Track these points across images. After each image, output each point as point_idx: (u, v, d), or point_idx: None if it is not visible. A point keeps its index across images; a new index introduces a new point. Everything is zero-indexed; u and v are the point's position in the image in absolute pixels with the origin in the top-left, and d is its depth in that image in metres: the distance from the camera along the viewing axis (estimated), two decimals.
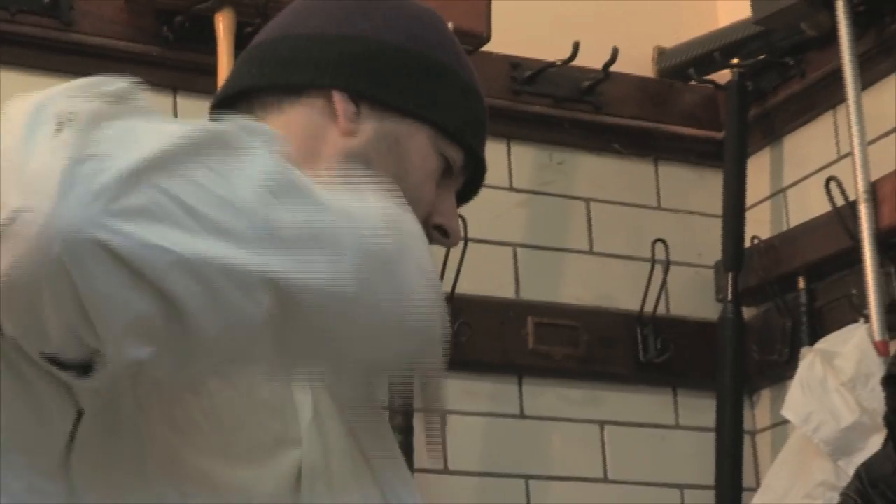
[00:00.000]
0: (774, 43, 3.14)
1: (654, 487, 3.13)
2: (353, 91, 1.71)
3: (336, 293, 1.30)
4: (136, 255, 1.20)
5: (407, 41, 1.77)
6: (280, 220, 1.28)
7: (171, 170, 1.25)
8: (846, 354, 2.78)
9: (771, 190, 3.28)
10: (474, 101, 1.81)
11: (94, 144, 1.25)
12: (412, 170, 1.71)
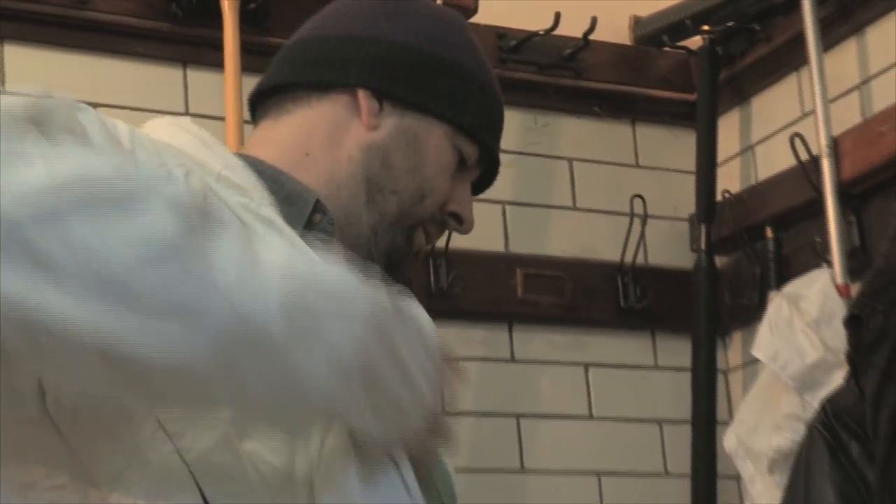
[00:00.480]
0: (742, 10, 3.14)
1: (635, 423, 3.15)
2: (377, 89, 1.74)
3: (183, 369, 1.23)
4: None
5: (427, 43, 1.79)
6: (144, 285, 1.21)
7: (44, 220, 1.18)
8: (811, 297, 2.80)
9: (740, 147, 3.30)
10: (490, 99, 1.83)
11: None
12: (428, 163, 1.75)
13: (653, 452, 3.15)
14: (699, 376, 3.05)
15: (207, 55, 2.71)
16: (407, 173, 1.74)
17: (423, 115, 1.76)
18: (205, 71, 2.73)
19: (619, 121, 3.28)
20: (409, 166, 1.74)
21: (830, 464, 2.36)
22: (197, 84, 2.81)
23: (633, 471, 3.12)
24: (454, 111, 1.78)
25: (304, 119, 1.76)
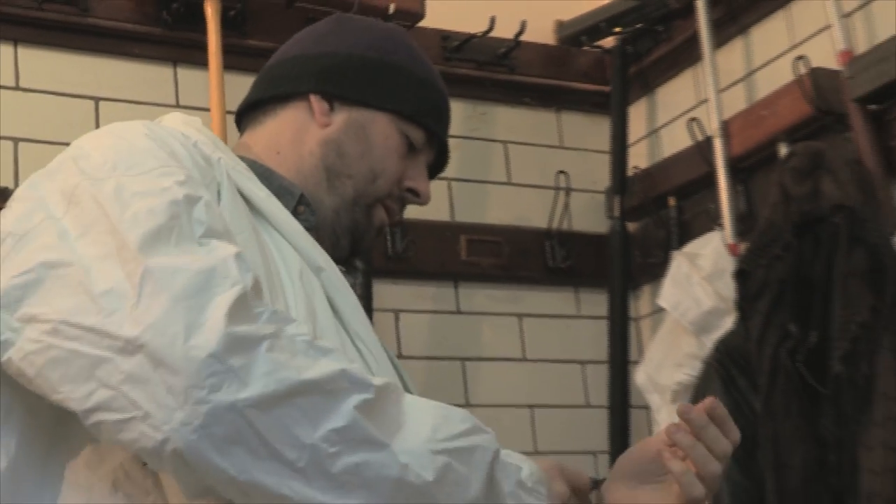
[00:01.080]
0: (647, 14, 3.15)
1: (561, 364, 3.16)
2: (325, 92, 1.78)
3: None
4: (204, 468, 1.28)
5: (368, 50, 1.82)
6: (338, 461, 1.30)
7: (267, 410, 1.28)
8: (706, 255, 2.82)
9: (647, 130, 3.32)
10: (430, 91, 1.85)
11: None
12: (375, 147, 1.77)
13: (576, 388, 3.17)
14: (614, 324, 3.08)
15: (194, 55, 2.70)
16: (358, 159, 1.77)
17: (366, 108, 1.79)
18: (192, 69, 2.73)
19: (545, 109, 3.29)
20: (359, 152, 1.77)
21: (723, 394, 2.41)
22: (186, 81, 2.80)
23: (559, 403, 3.13)
24: (394, 102, 1.80)
25: (273, 126, 1.81)
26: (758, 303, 2.37)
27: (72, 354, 1.30)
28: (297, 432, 1.30)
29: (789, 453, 2.26)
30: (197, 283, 1.32)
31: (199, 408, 1.25)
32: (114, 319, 1.29)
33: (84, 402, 1.29)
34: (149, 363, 1.26)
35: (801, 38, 2.85)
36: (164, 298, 1.30)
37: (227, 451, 1.28)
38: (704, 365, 2.55)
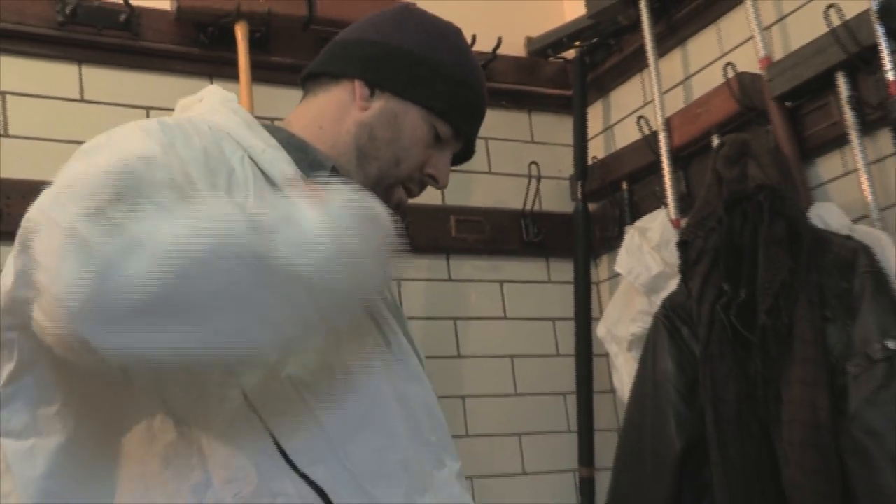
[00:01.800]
0: (602, 30, 3.16)
1: (536, 321, 3.17)
2: (368, 80, 1.76)
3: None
4: None
5: (416, 46, 1.79)
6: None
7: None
8: (654, 229, 2.82)
9: (603, 126, 3.32)
10: (466, 91, 1.82)
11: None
12: (403, 136, 1.75)
13: (548, 340, 3.18)
14: (579, 287, 3.09)
15: (227, 71, 2.69)
16: (387, 144, 1.75)
17: (402, 99, 1.77)
18: (225, 82, 2.60)
19: (519, 111, 3.30)
20: (388, 138, 1.75)
21: (669, 342, 2.45)
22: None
23: (534, 353, 3.14)
24: (427, 97, 1.78)
25: (323, 100, 1.79)
26: (697, 267, 2.37)
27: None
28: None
29: (724, 390, 2.24)
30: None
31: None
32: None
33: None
34: None
35: (729, 47, 2.84)
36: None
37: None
38: (654, 319, 2.55)
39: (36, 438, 1.44)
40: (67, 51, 2.64)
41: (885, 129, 2.37)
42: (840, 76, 2.42)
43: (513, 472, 3.03)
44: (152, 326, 1.25)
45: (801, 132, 2.56)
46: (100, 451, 1.46)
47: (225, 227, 1.34)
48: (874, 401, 2.04)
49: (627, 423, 2.55)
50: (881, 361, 2.06)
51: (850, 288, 2.17)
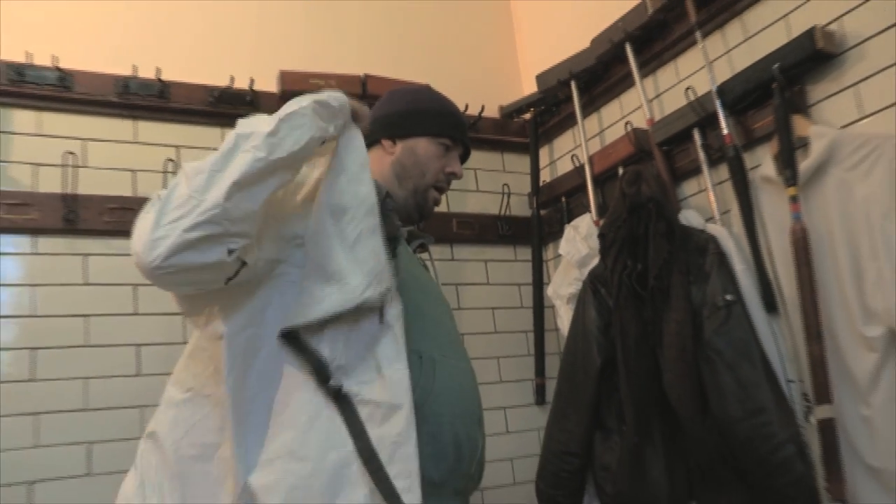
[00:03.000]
0: (547, 101, 3.15)
1: (507, 286, 3.14)
2: (388, 136, 1.85)
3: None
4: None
5: (406, 105, 1.87)
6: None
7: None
8: (582, 226, 2.81)
9: (549, 161, 3.28)
10: (448, 117, 1.88)
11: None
12: (420, 157, 1.83)
13: (515, 297, 3.14)
14: (535, 264, 3.12)
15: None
16: (412, 166, 1.82)
17: (413, 137, 1.84)
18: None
19: (496, 152, 3.26)
20: (412, 163, 1.82)
21: (592, 298, 2.45)
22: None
23: (507, 306, 3.11)
24: (426, 129, 1.84)
25: (374, 156, 1.82)
26: (610, 250, 2.35)
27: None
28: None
29: (628, 327, 2.23)
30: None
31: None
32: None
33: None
34: None
35: (628, 112, 2.81)
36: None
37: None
38: (583, 284, 2.54)
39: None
40: (126, 111, 2.54)
41: (723, 163, 2.36)
42: (696, 131, 2.43)
43: (492, 380, 2.99)
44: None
45: (673, 165, 2.55)
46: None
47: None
48: (719, 331, 2.07)
49: (566, 349, 2.52)
50: (723, 308, 2.09)
51: (704, 263, 2.18)
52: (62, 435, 2.25)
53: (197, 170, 1.33)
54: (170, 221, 1.28)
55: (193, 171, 1.33)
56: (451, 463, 1.48)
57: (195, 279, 1.35)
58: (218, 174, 1.32)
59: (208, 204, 1.29)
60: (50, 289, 2.34)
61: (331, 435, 1.36)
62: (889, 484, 1.84)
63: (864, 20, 2.02)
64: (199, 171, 1.33)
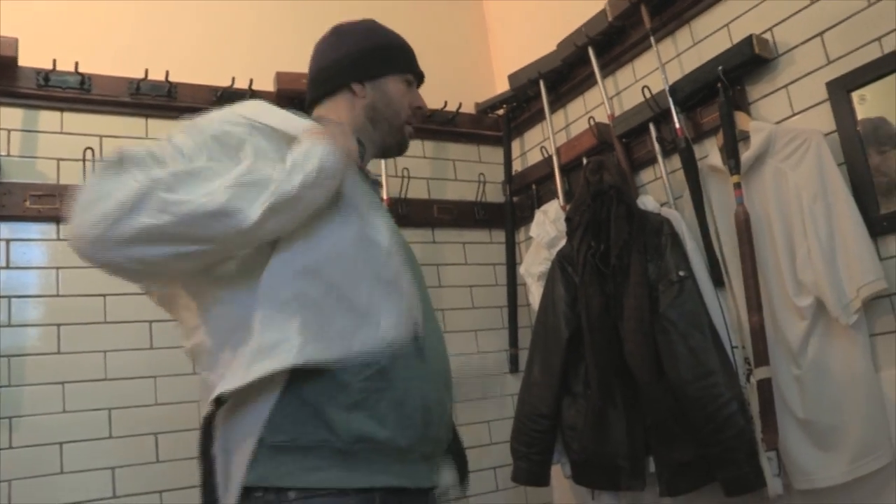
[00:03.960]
0: (518, 98, 3.17)
1: (483, 266, 3.17)
2: (357, 78, 1.62)
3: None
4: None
5: (370, 43, 1.65)
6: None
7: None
8: (551, 211, 2.83)
9: (520, 153, 3.29)
10: (408, 51, 1.69)
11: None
12: (395, 97, 1.63)
13: (491, 276, 3.15)
14: (509, 245, 3.12)
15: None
16: (386, 108, 1.62)
17: (381, 77, 1.63)
18: None
19: (472, 144, 3.27)
20: (385, 104, 1.62)
21: (560, 275, 2.46)
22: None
23: (483, 284, 3.12)
24: (394, 67, 1.65)
25: (331, 107, 1.61)
26: (576, 232, 2.36)
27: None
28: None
29: (592, 302, 2.24)
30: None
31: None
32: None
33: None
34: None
35: (591, 107, 2.85)
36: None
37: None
38: (552, 263, 2.55)
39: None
40: (138, 110, 2.54)
41: (675, 154, 2.40)
42: (651, 125, 2.47)
43: (470, 352, 2.99)
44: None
45: (632, 156, 2.58)
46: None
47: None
48: (672, 304, 2.10)
49: (537, 322, 2.52)
50: (676, 283, 2.13)
51: (660, 243, 2.20)
52: (85, 402, 2.33)
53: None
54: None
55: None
56: (420, 429, 1.34)
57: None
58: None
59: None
60: (72, 271, 2.40)
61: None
62: (813, 433, 1.94)
63: (792, 31, 2.12)
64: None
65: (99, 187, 1.22)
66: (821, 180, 1.92)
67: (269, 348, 1.25)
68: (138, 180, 1.22)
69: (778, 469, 1.97)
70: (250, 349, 1.25)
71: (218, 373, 1.30)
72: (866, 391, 1.84)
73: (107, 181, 1.22)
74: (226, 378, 1.26)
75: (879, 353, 1.87)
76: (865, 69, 1.90)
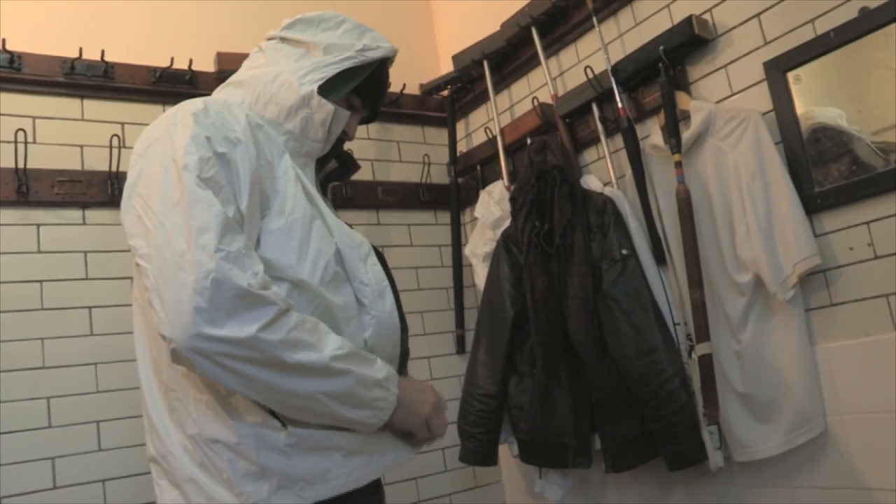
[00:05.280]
0: (463, 79, 3.17)
1: (430, 247, 3.17)
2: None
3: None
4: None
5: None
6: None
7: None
8: (495, 192, 2.84)
9: (465, 133, 3.30)
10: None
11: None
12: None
13: (436, 258, 3.15)
14: (455, 226, 3.11)
15: None
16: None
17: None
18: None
19: (417, 125, 3.27)
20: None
21: (505, 255, 2.48)
22: None
23: (429, 265, 3.12)
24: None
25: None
26: (521, 212, 2.37)
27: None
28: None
29: (536, 281, 2.26)
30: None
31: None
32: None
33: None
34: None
35: (535, 88, 2.85)
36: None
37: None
38: (496, 243, 2.56)
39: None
40: (73, 90, 2.49)
41: (617, 134, 2.42)
42: (594, 105, 2.48)
43: (417, 333, 2.99)
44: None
45: (575, 136, 2.59)
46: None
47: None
48: (615, 282, 2.12)
49: (483, 302, 2.54)
50: (619, 261, 2.14)
51: (603, 222, 2.21)
52: (22, 391, 2.28)
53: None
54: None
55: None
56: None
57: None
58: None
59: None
60: (5, 257, 2.34)
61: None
62: (752, 407, 1.99)
63: (731, 12, 2.15)
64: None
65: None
66: (759, 159, 1.95)
67: None
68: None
69: (719, 442, 2.03)
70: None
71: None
72: (802, 365, 1.89)
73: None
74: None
75: (815, 327, 1.92)
76: (800, 50, 1.93)
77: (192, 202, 1.17)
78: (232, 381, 1.15)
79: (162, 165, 1.23)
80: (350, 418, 1.25)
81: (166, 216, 1.17)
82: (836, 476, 1.88)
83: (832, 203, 1.88)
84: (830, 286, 1.90)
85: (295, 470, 1.21)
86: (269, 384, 1.16)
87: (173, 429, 1.27)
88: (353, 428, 1.28)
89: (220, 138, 1.26)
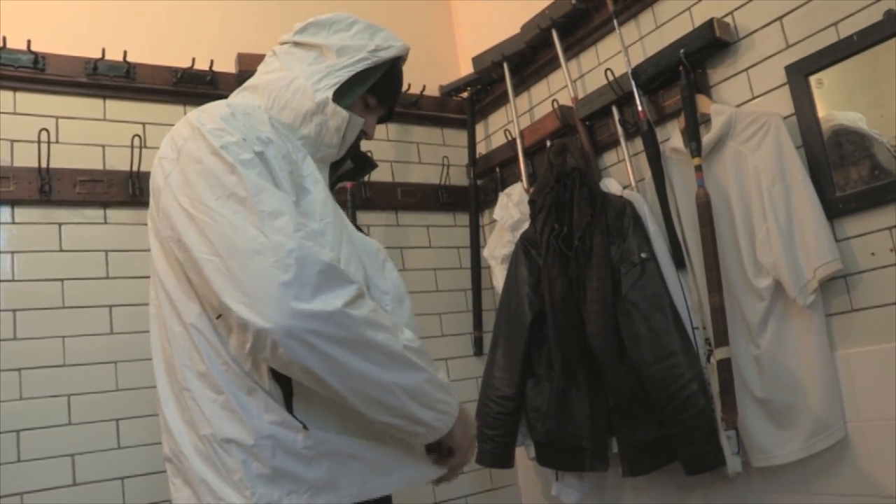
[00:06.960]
0: (483, 80, 3.17)
1: (448, 248, 3.16)
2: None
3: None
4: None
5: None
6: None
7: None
8: (515, 194, 2.85)
9: (484, 136, 3.31)
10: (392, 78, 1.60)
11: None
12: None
13: (455, 259, 3.14)
14: (472, 228, 3.10)
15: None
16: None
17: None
18: None
19: (436, 127, 3.27)
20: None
21: (524, 258, 2.48)
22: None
23: (448, 267, 3.11)
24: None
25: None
26: (539, 215, 2.36)
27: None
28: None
29: (556, 284, 2.25)
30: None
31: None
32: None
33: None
34: None
35: (555, 90, 2.85)
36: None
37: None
38: (515, 245, 2.56)
39: None
40: (96, 90, 2.51)
41: (637, 137, 2.41)
42: (614, 107, 2.48)
43: (435, 335, 3.00)
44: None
45: (595, 139, 2.59)
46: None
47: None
48: (634, 286, 2.12)
49: (500, 305, 2.54)
50: (638, 265, 2.14)
51: (622, 225, 2.21)
52: (43, 388, 2.30)
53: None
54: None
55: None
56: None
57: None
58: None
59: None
60: (28, 255, 2.37)
61: None
62: (771, 412, 1.98)
63: (753, 15, 2.14)
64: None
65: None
66: (780, 163, 1.94)
67: None
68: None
69: (737, 447, 2.01)
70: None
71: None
72: (822, 370, 1.88)
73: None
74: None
75: (835, 332, 1.91)
76: (822, 53, 1.92)
77: (255, 191, 1.17)
78: (318, 364, 1.12)
79: (204, 163, 1.23)
80: (420, 417, 1.24)
81: (224, 208, 1.17)
82: (855, 483, 1.86)
83: (853, 208, 1.86)
84: (851, 291, 1.88)
85: (308, 475, 1.20)
86: (351, 370, 1.15)
87: (184, 429, 1.27)
88: (416, 433, 1.27)
89: (253, 139, 1.27)
